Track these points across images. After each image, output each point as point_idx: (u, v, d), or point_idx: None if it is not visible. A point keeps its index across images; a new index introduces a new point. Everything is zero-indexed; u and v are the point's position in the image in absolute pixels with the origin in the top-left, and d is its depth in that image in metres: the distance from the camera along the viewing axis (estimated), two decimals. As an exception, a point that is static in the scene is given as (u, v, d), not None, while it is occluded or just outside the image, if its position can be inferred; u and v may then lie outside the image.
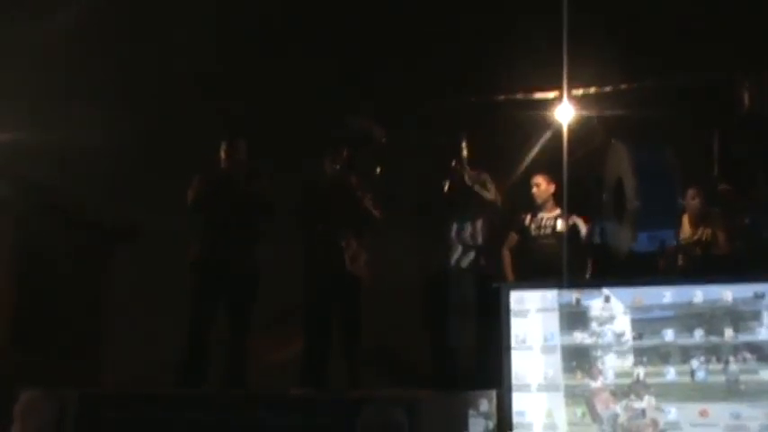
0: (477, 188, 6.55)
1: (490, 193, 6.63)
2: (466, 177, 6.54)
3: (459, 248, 6.60)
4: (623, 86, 7.34)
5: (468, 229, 6.64)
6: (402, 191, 6.91)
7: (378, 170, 6.44)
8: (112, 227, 9.29)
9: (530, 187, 7.46)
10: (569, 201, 6.56)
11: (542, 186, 7.41)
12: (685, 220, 7.30)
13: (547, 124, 7.15)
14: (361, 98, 7.62)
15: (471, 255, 6.63)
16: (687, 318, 5.15)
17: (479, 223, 6.69)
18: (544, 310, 5.33)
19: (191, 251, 6.30)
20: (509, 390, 5.25)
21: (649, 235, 5.52)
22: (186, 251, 6.28)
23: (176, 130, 7.78)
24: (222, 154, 6.39)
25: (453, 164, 6.57)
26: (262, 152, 6.56)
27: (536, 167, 7.40)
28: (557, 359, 5.25)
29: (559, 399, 5.20)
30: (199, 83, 8.10)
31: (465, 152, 6.60)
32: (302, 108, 7.86)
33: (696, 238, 7.18)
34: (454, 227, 6.61)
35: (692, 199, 7.17)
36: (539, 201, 7.41)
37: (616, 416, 5.12)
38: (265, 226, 6.36)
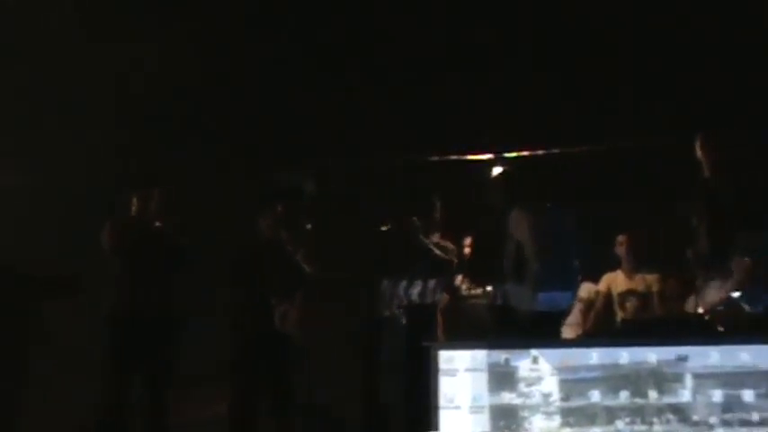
0: (432, 248, 6.53)
1: (448, 255, 6.61)
2: (421, 237, 6.52)
3: (398, 305, 6.56)
4: (551, 150, 7.52)
5: (419, 287, 6.60)
6: (341, 246, 6.92)
7: (309, 226, 6.43)
8: (43, 279, 9.06)
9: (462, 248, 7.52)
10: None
11: (475, 247, 7.47)
12: (619, 274, 7.43)
13: (477, 185, 7.24)
14: (296, 154, 7.67)
15: (408, 313, 6.61)
16: (613, 379, 5.21)
17: (432, 283, 6.65)
18: (473, 369, 5.34)
19: (108, 303, 6.19)
20: (437, 449, 5.23)
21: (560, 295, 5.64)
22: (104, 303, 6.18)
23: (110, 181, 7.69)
24: (135, 201, 6.32)
25: (410, 222, 6.53)
26: (195, 207, 6.53)
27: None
28: (485, 419, 5.25)
29: (487, 459, 5.20)
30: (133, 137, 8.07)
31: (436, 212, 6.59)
32: (237, 164, 7.88)
33: (632, 287, 7.29)
34: (402, 284, 6.57)
35: (620, 245, 7.31)
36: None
37: (543, 476, 5.13)
38: (180, 276, 6.29)
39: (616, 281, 7.43)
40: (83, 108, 7.72)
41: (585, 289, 7.24)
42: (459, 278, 7.38)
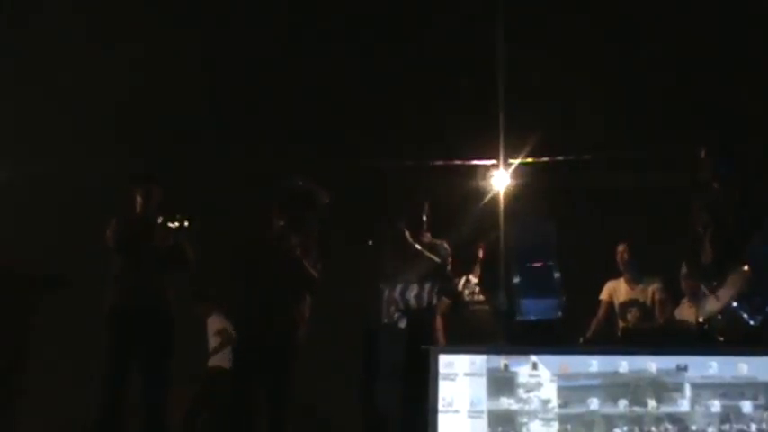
0: (427, 252, 6.47)
1: (442, 259, 6.56)
2: (418, 242, 6.47)
3: (398, 309, 6.52)
4: (559, 158, 7.53)
5: (415, 290, 6.53)
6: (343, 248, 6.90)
7: (317, 232, 6.34)
8: (34, 276, 9.02)
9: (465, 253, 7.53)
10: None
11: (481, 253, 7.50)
12: (621, 283, 7.44)
13: (484, 191, 7.27)
14: (307, 159, 7.67)
15: (408, 316, 6.57)
16: (612, 387, 5.21)
17: (428, 286, 6.59)
18: (472, 374, 5.34)
19: (108, 298, 6.18)
20: (434, 453, 5.23)
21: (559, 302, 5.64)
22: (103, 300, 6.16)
23: (107, 180, 7.68)
24: (138, 199, 6.32)
25: (411, 227, 6.48)
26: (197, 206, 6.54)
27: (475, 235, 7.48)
28: (483, 424, 5.24)
29: (485, 464, 5.20)
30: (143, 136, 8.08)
31: (426, 216, 6.54)
32: (245, 167, 7.89)
33: (633, 297, 7.30)
34: (399, 287, 6.51)
35: (621, 254, 7.32)
36: (475, 266, 7.49)
37: (540, 483, 5.13)
38: (179, 274, 6.29)
39: (618, 290, 7.44)
40: (86, 106, 7.73)
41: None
42: (461, 282, 7.41)
